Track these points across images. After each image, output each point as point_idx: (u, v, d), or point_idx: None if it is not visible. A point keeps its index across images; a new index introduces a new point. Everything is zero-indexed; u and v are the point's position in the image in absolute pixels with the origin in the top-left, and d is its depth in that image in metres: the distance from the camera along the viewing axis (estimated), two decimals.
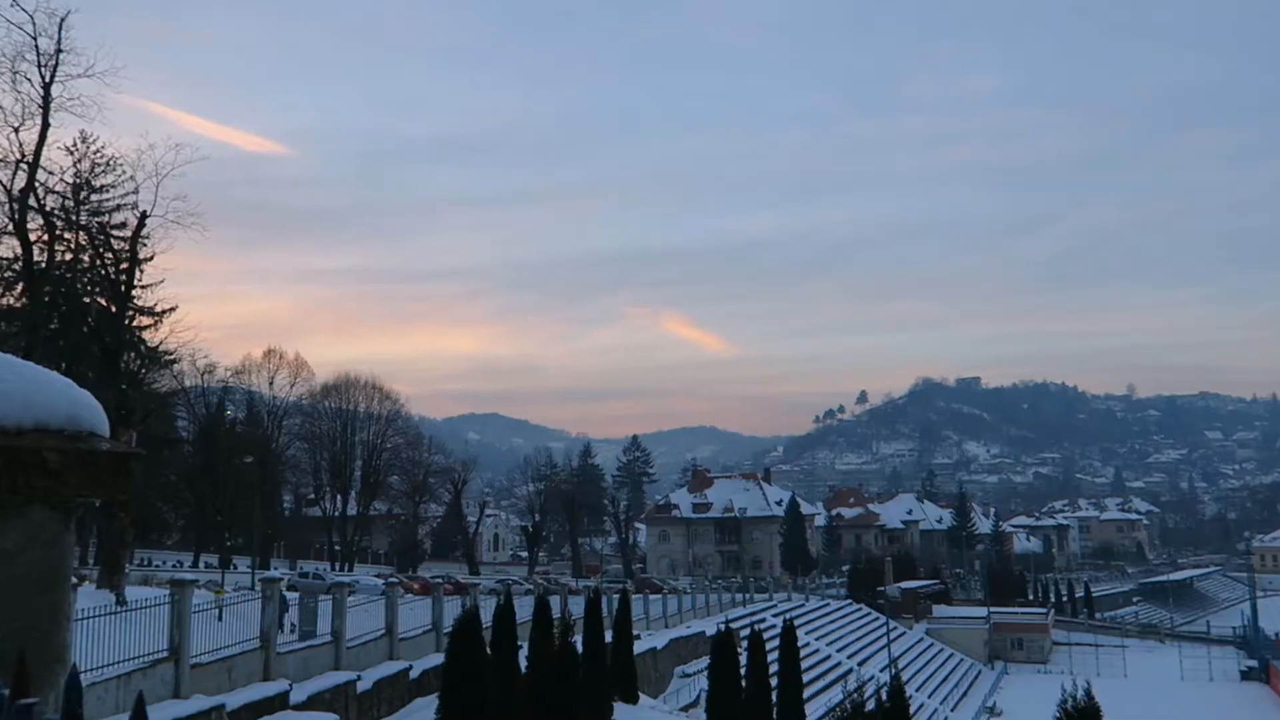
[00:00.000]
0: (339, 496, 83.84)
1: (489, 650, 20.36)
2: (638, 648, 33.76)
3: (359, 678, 21.89)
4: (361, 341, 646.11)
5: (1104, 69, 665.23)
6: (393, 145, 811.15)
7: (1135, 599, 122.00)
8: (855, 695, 20.21)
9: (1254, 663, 73.85)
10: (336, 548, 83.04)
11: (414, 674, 24.13)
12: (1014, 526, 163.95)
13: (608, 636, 29.27)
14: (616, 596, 33.07)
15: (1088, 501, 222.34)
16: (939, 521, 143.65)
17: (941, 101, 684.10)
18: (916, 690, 59.09)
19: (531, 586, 53.94)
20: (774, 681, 30.04)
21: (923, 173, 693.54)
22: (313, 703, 19.60)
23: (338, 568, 77.02)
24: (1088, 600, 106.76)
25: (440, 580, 33.69)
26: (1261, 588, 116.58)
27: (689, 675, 39.52)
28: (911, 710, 50.86)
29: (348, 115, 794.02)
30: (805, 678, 38.57)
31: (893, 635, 62.92)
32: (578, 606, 29.52)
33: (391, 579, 37.61)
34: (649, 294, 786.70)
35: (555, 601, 29.86)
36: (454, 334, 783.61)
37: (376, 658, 23.98)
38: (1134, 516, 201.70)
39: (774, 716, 28.13)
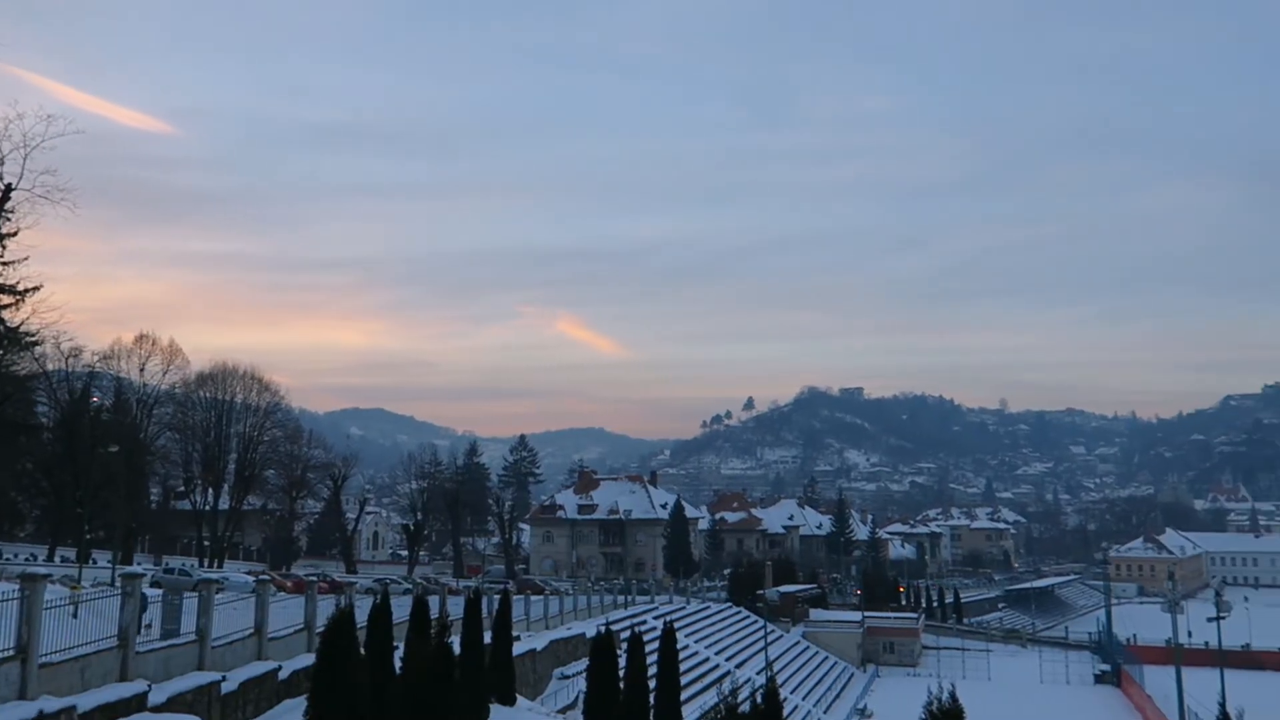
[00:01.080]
0: (210, 490, 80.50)
1: (363, 651, 19.81)
2: (517, 649, 33.44)
3: (224, 678, 21.02)
4: (241, 330, 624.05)
5: (990, 97, 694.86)
6: (282, 130, 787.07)
7: (1001, 605, 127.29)
8: (729, 698, 20.40)
9: (1107, 666, 77.98)
10: (206, 543, 79.79)
11: (283, 674, 23.31)
12: (890, 533, 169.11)
13: (487, 638, 28.90)
14: (497, 597, 32.65)
15: (960, 510, 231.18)
16: (819, 527, 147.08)
17: (836, 118, 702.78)
18: (791, 692, 60.31)
19: (411, 586, 52.86)
20: (652, 684, 30.13)
21: (815, 186, 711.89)
22: (173, 704, 18.73)
23: (206, 564, 74.01)
24: (957, 606, 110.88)
25: (315, 578, 32.65)
26: (1116, 596, 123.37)
27: (568, 677, 39.39)
28: (785, 712, 51.85)
29: (236, 96, 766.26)
30: (683, 680, 38.84)
31: (770, 638, 64.01)
32: (457, 607, 29.01)
33: (263, 576, 36.24)
34: (542, 294, 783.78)
35: (434, 601, 29.32)
36: (340, 327, 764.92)
37: (244, 658, 23.06)
38: (1002, 526, 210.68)
39: (651, 719, 28.18)
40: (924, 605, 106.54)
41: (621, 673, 28.31)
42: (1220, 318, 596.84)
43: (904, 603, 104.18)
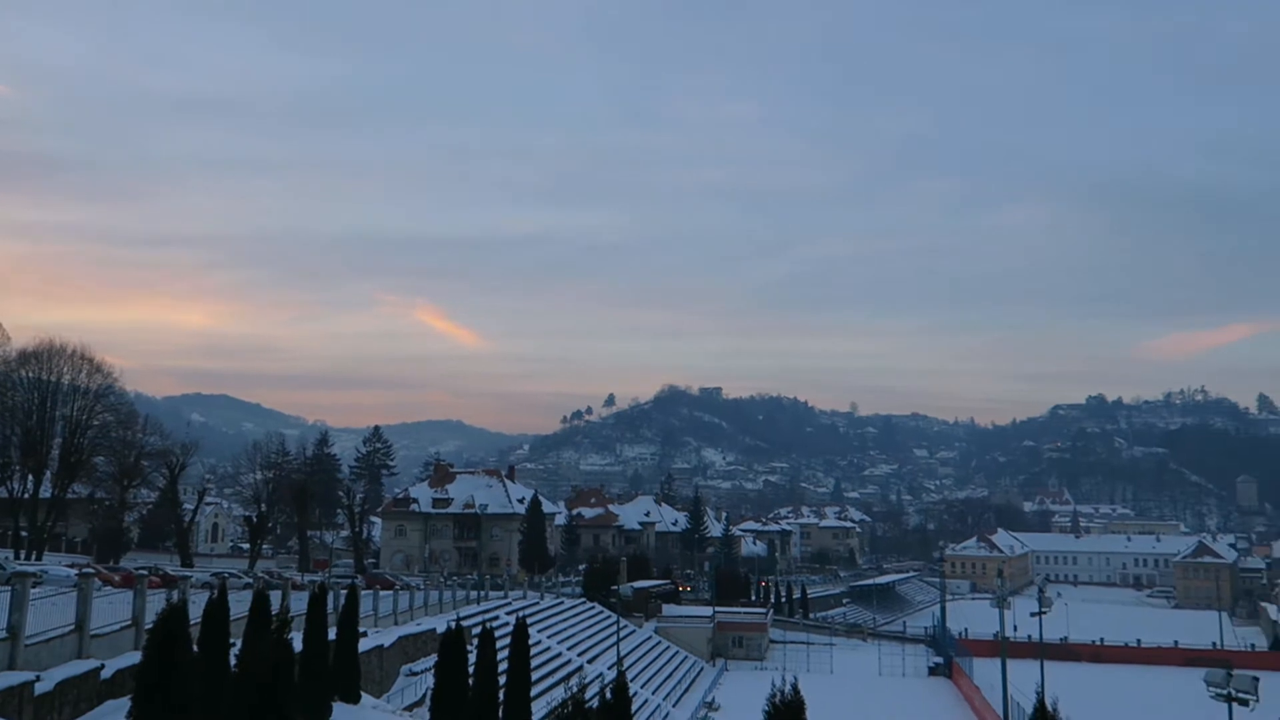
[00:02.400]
0: (30, 476, 74.88)
1: (196, 648, 18.80)
2: (364, 645, 32.50)
3: (38, 678, 19.55)
4: (73, 307, 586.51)
5: (851, 111, 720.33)
6: (132, 97, 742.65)
7: (845, 601, 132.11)
8: (577, 693, 20.36)
9: (940, 659, 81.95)
10: (24, 534, 74.24)
11: (106, 674, 21.88)
12: (743, 530, 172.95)
13: (332, 634, 27.97)
14: (344, 592, 31.65)
15: (810, 509, 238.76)
16: (675, 524, 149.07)
17: (704, 121, 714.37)
18: (642, 687, 60.88)
19: (252, 580, 50.64)
20: (503, 679, 29.83)
21: (682, 188, 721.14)
22: None
23: (24, 556, 68.91)
24: (804, 601, 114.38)
25: (145, 572, 30.82)
26: (951, 592, 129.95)
27: (416, 673, 38.58)
28: (635, 706, 52.23)
29: (80, 57, 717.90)
30: (535, 675, 38.62)
31: (623, 634, 64.45)
32: (302, 602, 27.94)
33: (87, 569, 33.95)
34: (402, 282, 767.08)
35: (277, 597, 28.16)
36: (183, 307, 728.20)
37: (63, 656, 21.51)
38: (849, 524, 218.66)
39: (500, 715, 27.89)
40: (773, 601, 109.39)
41: (471, 669, 27.91)
42: (1050, 332, 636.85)
43: (754, 598, 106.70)
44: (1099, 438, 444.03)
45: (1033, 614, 55.84)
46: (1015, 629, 66.38)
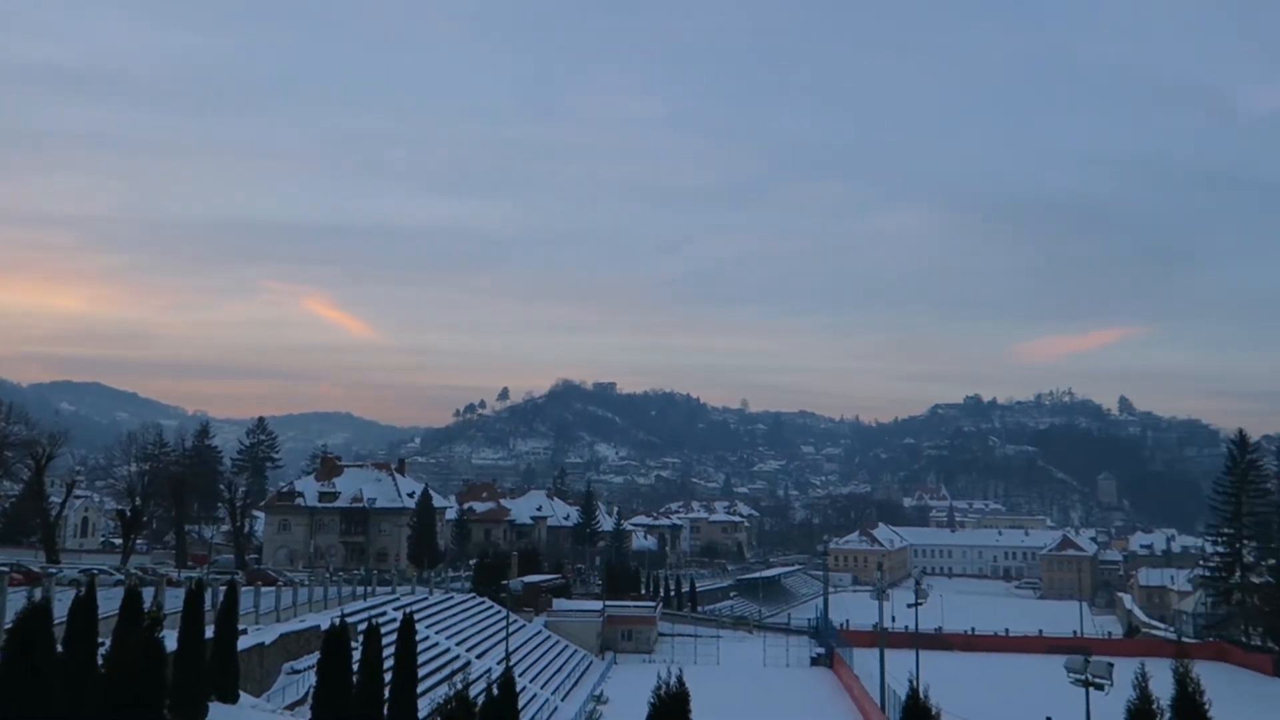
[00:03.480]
0: None
1: (62, 647, 18.02)
2: (244, 643, 31.63)
3: None
4: None
5: (751, 111, 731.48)
6: (3, 66, 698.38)
7: (733, 594, 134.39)
8: (462, 689, 20.24)
9: (822, 650, 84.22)
10: None
11: None
12: (634, 525, 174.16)
13: (209, 631, 27.12)
14: (223, 589, 30.69)
15: (700, 504, 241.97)
16: (567, 518, 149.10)
17: (606, 118, 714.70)
18: (530, 681, 60.80)
19: (124, 577, 48.53)
20: (389, 676, 29.42)
21: (581, 183, 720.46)
22: None
23: None
24: (692, 595, 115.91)
25: (6, 569, 29.20)
26: (834, 584, 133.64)
27: (298, 671, 37.69)
28: (523, 701, 52.14)
29: None
30: (422, 671, 38.16)
31: (512, 628, 64.20)
32: (179, 600, 27.00)
33: None
34: (291, 269, 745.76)
35: (151, 593, 27.15)
36: (54, 290, 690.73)
37: None
38: (737, 519, 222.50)
39: (384, 712, 27.51)
40: (662, 595, 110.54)
41: (356, 666, 27.45)
42: (932, 334, 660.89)
43: (644, 592, 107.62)
44: (975, 436, 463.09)
45: (909, 605, 58.04)
46: (894, 620, 68.85)
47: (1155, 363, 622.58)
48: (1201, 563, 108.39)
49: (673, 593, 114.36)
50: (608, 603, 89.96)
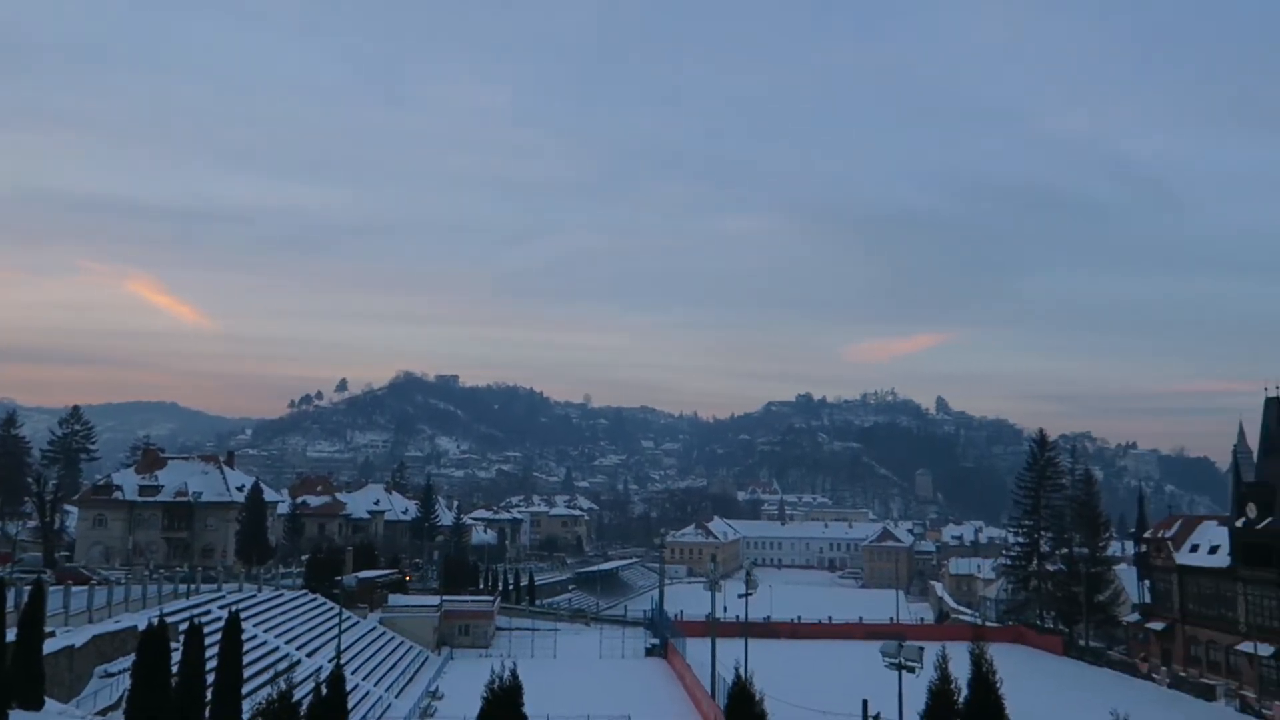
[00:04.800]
0: None
1: None
2: (50, 646, 29.96)
3: None
4: None
5: (598, 109, 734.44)
6: None
7: (571, 587, 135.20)
8: (286, 689, 19.95)
9: (657, 640, 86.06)
10: None
11: None
12: (474, 519, 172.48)
13: (12, 634, 25.61)
14: (29, 588, 28.94)
15: (541, 498, 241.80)
16: (405, 512, 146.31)
17: (457, 106, 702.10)
18: (364, 679, 59.71)
19: None
20: (212, 678, 28.51)
21: (429, 171, 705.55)
22: None
23: None
24: (531, 588, 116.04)
25: None
26: (669, 577, 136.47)
27: (112, 675, 35.92)
28: (355, 699, 51.23)
29: None
30: (249, 672, 37.06)
31: (346, 625, 62.82)
32: None
33: None
34: (113, 249, 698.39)
35: None
36: None
37: None
38: (577, 513, 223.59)
39: (205, 715, 26.69)
40: (501, 589, 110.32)
41: (175, 667, 26.52)
42: (768, 334, 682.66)
43: (482, 586, 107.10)
44: (805, 433, 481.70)
45: (740, 596, 60.22)
46: (725, 610, 71.24)
47: (969, 366, 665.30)
48: (1004, 552, 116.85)
49: (511, 587, 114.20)
50: (445, 598, 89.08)
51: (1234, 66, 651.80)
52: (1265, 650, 65.56)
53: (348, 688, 30.78)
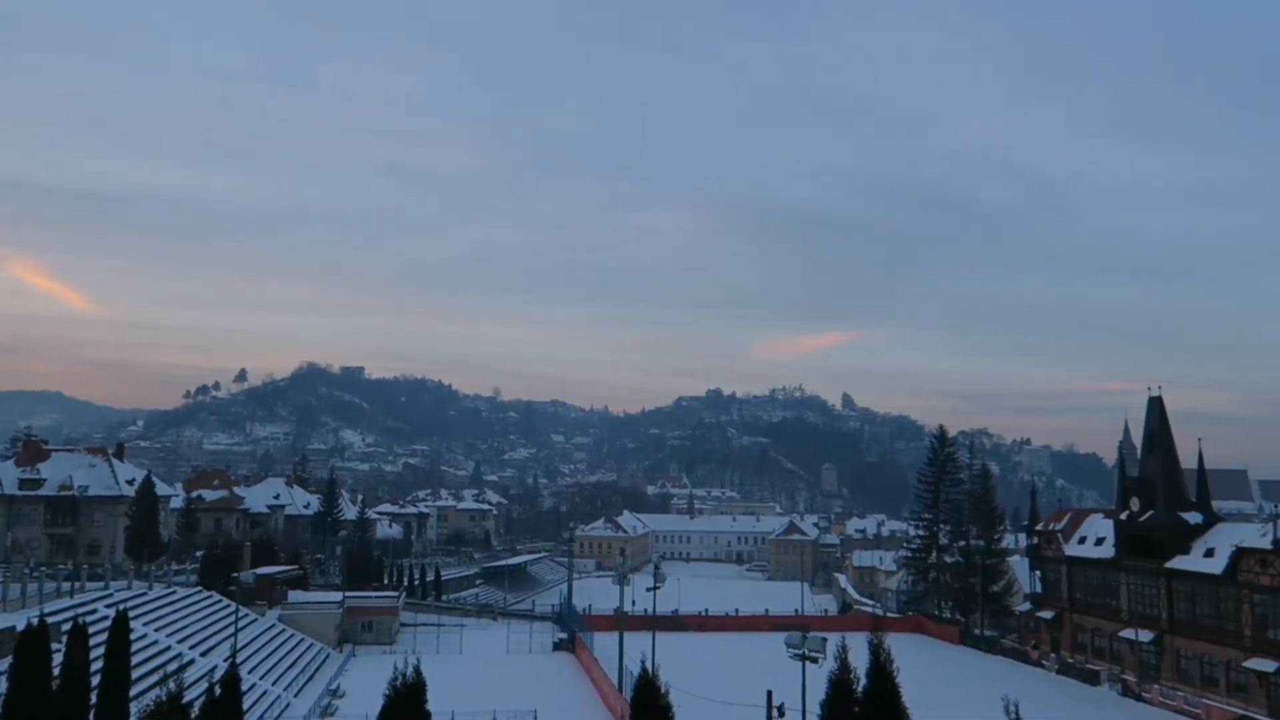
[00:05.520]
0: None
1: None
2: None
3: None
4: None
5: (514, 102, 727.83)
6: None
7: (478, 582, 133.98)
8: (176, 689, 19.17)
9: (565, 635, 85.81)
10: None
11: None
12: (379, 513, 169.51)
13: None
14: None
15: (448, 492, 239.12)
16: (307, 507, 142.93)
17: (366, 94, 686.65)
18: (261, 678, 57.97)
19: None
20: (98, 679, 27.23)
21: (337, 158, 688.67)
22: None
23: None
24: (437, 584, 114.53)
25: None
26: (578, 571, 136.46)
27: None
28: (252, 699, 49.74)
29: None
30: (138, 672, 35.63)
31: (242, 623, 60.91)
32: None
33: None
34: None
35: None
36: None
37: None
38: (486, 507, 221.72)
39: (90, 718, 25.49)
40: (406, 584, 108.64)
41: (58, 669, 25.24)
42: (680, 330, 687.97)
43: (386, 582, 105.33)
44: (715, 428, 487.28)
45: (649, 589, 60.34)
46: (634, 604, 71.36)
47: (875, 363, 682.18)
48: (905, 545, 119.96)
49: (417, 582, 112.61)
50: (348, 594, 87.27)
51: (1122, 81, 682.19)
52: (1145, 636, 68.83)
53: (244, 687, 29.82)
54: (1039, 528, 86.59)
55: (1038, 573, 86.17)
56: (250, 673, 55.32)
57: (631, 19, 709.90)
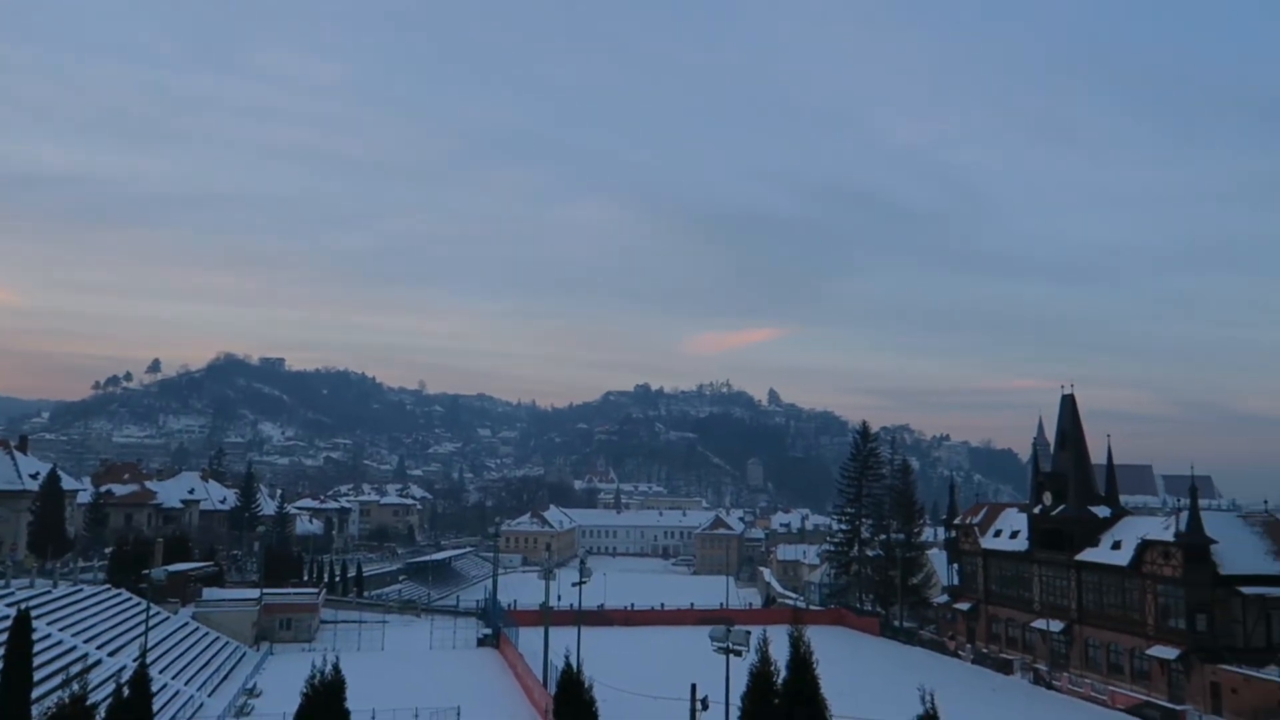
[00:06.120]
0: None
1: None
2: None
3: None
4: None
5: (440, 91, 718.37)
6: None
7: (402, 577, 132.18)
8: (78, 691, 18.44)
9: (489, 630, 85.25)
10: None
11: None
12: (299, 509, 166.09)
13: None
14: None
15: (372, 486, 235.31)
16: (223, 502, 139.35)
17: (288, 78, 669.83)
18: (173, 678, 56.35)
19: None
20: None
21: (256, 145, 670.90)
22: None
23: None
24: (358, 580, 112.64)
25: None
26: (504, 566, 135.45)
27: None
28: (163, 700, 48.25)
29: None
30: (40, 674, 34.24)
31: (154, 621, 59.05)
32: None
33: None
34: None
35: None
36: None
37: None
38: (410, 502, 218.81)
39: None
40: (327, 580, 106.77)
41: None
42: (609, 324, 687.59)
43: (306, 578, 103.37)
44: (643, 423, 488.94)
45: (574, 584, 60.21)
46: (559, 599, 71.14)
47: (801, 360, 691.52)
48: (828, 539, 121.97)
49: (338, 578, 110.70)
50: (266, 590, 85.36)
51: (1042, 89, 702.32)
52: (1056, 626, 71.14)
53: (154, 688, 28.84)
54: (957, 522, 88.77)
55: (955, 566, 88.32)
56: (161, 673, 53.68)
57: (559, 10, 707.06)
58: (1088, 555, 69.03)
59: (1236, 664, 55.71)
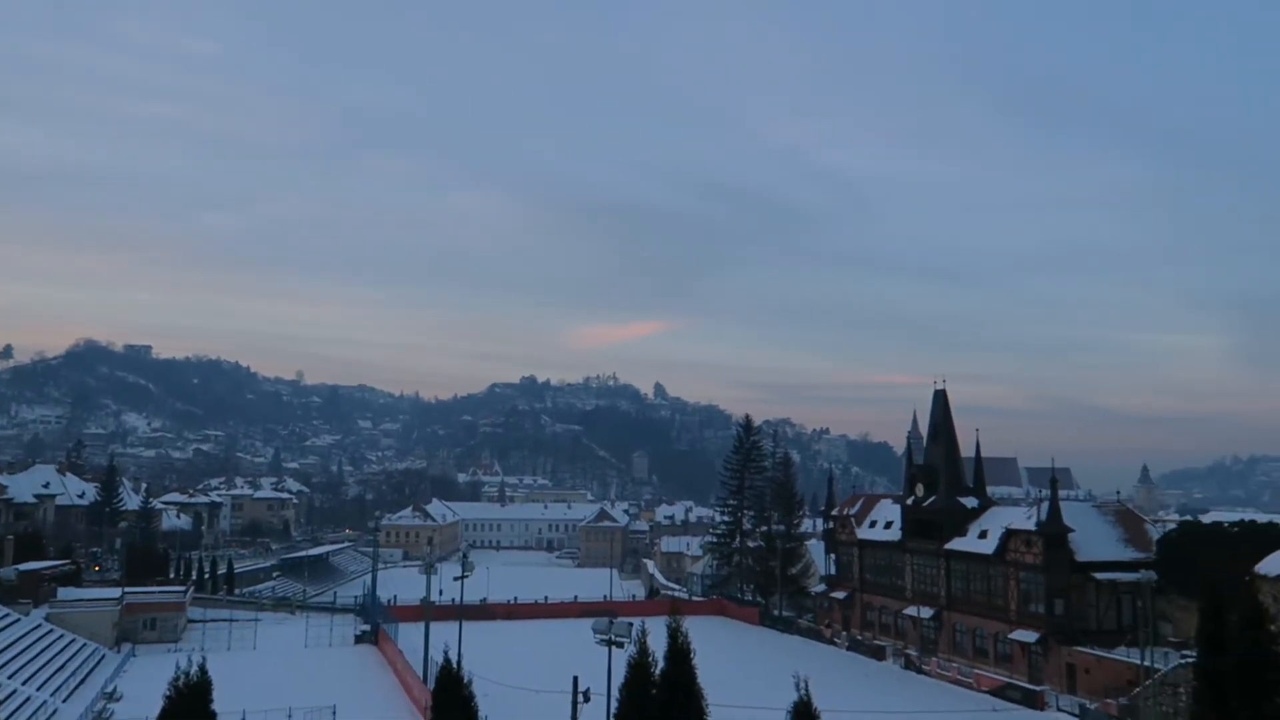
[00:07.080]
0: None
1: None
2: None
3: None
4: None
5: (322, 73, 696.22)
6: None
7: (276, 574, 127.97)
8: None
9: (368, 627, 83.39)
10: None
11: None
12: (165, 503, 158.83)
13: None
14: None
15: (244, 480, 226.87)
16: (81, 496, 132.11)
17: (159, 50, 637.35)
18: (23, 683, 53.18)
19: None
20: None
21: (125, 119, 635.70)
22: None
23: None
24: (229, 577, 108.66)
25: None
26: (384, 561, 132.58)
27: None
28: (14, 706, 45.51)
29: None
30: None
31: (2, 624, 55.55)
32: None
33: None
34: None
35: None
36: None
37: None
38: (285, 495, 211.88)
39: None
40: (195, 578, 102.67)
41: None
42: (495, 315, 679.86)
43: (173, 576, 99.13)
44: (529, 415, 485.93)
45: (456, 578, 59.33)
46: (441, 593, 70.00)
47: (686, 354, 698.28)
48: (711, 530, 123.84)
49: (208, 575, 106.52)
50: (128, 589, 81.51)
51: (920, 94, 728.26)
52: (926, 613, 74.04)
53: (1, 694, 27.09)
54: (835, 513, 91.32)
55: (833, 556, 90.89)
56: (11, 678, 50.59)
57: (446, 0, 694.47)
58: (956, 544, 72.00)
59: (1090, 646, 59.10)
